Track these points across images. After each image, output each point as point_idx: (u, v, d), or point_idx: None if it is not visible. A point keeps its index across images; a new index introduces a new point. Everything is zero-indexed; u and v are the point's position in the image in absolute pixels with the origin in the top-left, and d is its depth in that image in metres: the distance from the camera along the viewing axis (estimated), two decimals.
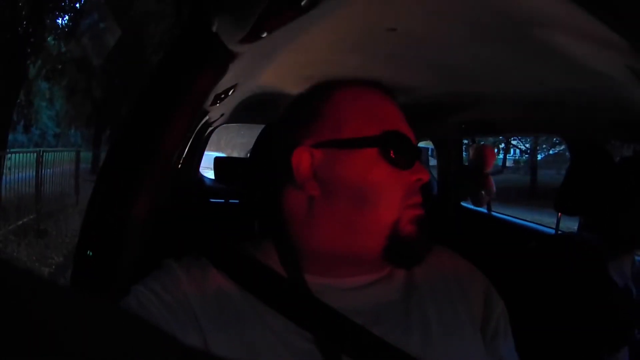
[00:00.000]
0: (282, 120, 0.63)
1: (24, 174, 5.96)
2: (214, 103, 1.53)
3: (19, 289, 0.14)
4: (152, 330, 0.16)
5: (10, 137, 7.46)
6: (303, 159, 0.55)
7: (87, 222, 0.86)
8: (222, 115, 2.30)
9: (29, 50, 7.13)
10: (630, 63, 0.76)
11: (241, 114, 2.38)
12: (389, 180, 0.54)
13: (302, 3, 0.60)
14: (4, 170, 5.78)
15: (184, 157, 2.30)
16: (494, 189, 2.11)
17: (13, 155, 6.14)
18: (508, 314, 0.62)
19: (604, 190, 1.01)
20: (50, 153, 6.75)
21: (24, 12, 6.99)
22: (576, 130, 1.42)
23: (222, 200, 2.18)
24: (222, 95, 1.43)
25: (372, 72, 1.27)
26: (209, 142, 3.15)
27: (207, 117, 1.98)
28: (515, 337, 0.61)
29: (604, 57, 0.79)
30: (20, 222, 5.20)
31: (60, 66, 8.35)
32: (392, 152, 0.54)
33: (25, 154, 6.37)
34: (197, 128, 2.11)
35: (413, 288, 0.58)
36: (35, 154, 6.24)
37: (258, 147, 0.70)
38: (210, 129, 2.81)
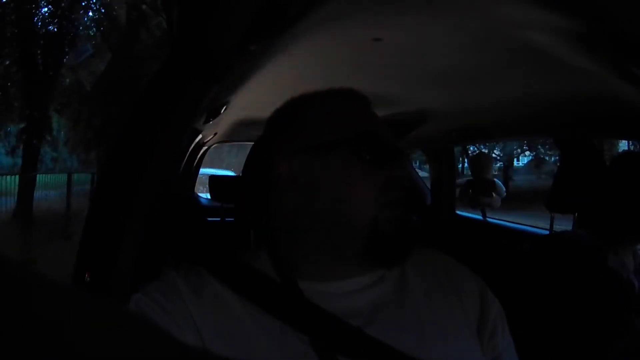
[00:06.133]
0: (264, 135, 0.67)
1: (43, 192, 7.20)
2: (206, 121, 1.54)
3: (23, 288, 0.15)
4: (152, 329, 0.17)
5: (6, 160, 7.70)
6: (282, 168, 0.59)
7: (83, 245, 0.86)
8: (215, 133, 2.31)
9: (47, 85, 7.43)
10: (616, 59, 0.78)
11: (234, 132, 2.39)
12: (360, 180, 0.56)
13: (290, 14, 0.62)
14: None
15: (179, 176, 2.30)
16: (504, 188, 2.15)
17: (42, 175, 7.50)
18: (507, 315, 0.62)
19: (596, 186, 1.02)
20: (75, 175, 8.11)
21: (39, 51, 7.28)
22: (565, 129, 1.43)
23: (218, 219, 2.19)
24: (215, 113, 1.45)
25: (360, 82, 1.29)
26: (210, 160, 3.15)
27: (200, 136, 1.99)
28: (514, 337, 0.62)
29: (588, 54, 0.81)
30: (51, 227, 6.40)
31: (66, 99, 8.62)
32: (361, 151, 0.56)
33: (54, 175, 7.97)
34: (191, 147, 2.12)
35: (407, 290, 0.59)
36: (66, 175, 7.76)
37: (247, 162, 0.72)
38: (205, 148, 2.82)
